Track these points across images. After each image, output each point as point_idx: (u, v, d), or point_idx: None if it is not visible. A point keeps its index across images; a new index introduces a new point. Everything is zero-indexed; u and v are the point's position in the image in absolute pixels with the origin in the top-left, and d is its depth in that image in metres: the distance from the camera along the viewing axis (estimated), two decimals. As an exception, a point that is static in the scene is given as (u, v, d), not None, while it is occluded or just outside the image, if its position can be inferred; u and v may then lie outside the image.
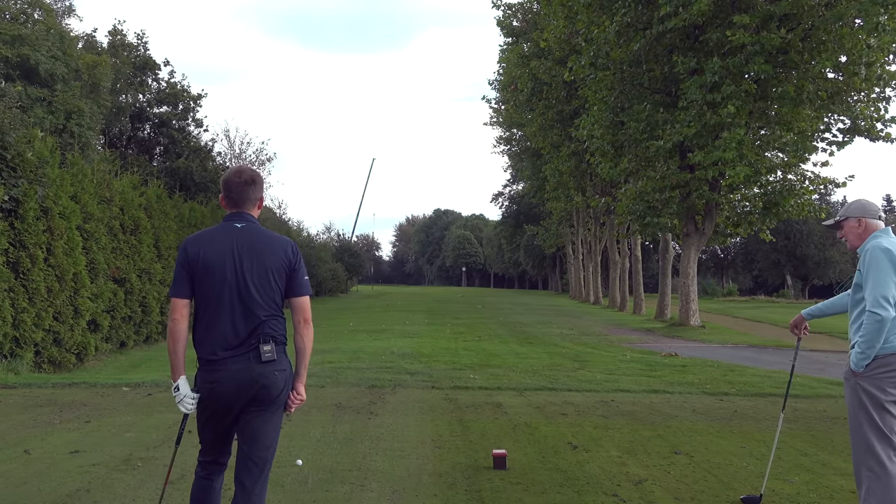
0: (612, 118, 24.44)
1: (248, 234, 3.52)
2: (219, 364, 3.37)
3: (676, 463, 5.98)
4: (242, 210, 3.61)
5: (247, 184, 3.61)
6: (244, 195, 3.61)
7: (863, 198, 4.48)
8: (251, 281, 3.43)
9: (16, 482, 5.23)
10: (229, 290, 3.41)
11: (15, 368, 11.16)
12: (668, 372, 12.03)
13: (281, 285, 3.52)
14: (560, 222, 56.73)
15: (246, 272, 3.44)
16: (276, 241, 3.56)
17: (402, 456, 6.06)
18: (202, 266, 3.44)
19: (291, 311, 3.62)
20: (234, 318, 3.40)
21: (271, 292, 3.47)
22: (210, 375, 3.39)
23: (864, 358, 4.09)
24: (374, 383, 9.98)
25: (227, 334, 3.38)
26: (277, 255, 3.51)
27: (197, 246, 3.49)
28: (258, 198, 3.66)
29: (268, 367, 3.40)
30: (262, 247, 3.50)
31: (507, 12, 43.02)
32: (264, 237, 3.55)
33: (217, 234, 3.54)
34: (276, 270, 3.49)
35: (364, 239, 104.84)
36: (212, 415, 3.48)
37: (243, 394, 3.39)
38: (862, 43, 19.35)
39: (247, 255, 3.46)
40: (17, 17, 27.78)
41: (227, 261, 3.44)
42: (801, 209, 22.86)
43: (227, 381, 3.36)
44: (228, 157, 43.78)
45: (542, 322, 27.34)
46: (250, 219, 3.60)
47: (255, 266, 3.45)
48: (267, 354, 3.40)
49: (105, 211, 15.95)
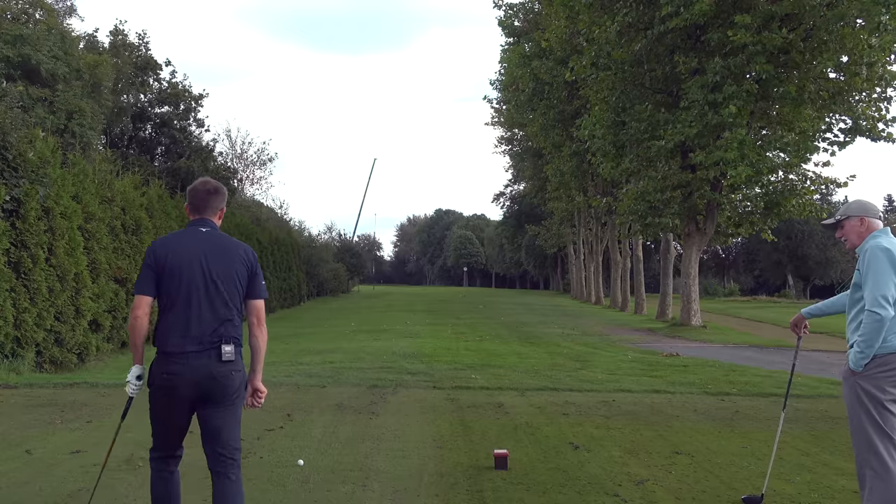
0: (614, 118, 24.42)
1: (213, 239, 3.77)
2: (179, 358, 3.56)
3: (678, 463, 5.98)
4: (205, 216, 3.85)
5: (210, 193, 3.87)
6: (207, 203, 3.86)
7: (862, 198, 4.49)
8: (220, 282, 3.65)
9: (17, 482, 5.23)
10: (197, 290, 3.62)
11: (16, 368, 11.16)
12: (669, 372, 12.03)
13: (243, 288, 3.74)
14: (561, 222, 56.74)
15: (214, 274, 3.66)
16: (238, 246, 3.82)
17: (404, 456, 6.06)
18: (170, 267, 3.64)
19: (247, 313, 3.81)
20: (199, 316, 3.60)
21: (235, 294, 3.71)
22: (168, 367, 3.57)
23: (862, 357, 4.08)
24: (375, 383, 9.98)
25: (192, 332, 3.58)
26: (241, 259, 3.75)
27: (165, 248, 3.71)
28: (220, 207, 3.91)
29: (227, 366, 3.61)
30: (228, 251, 3.75)
31: (509, 12, 43.03)
32: (228, 242, 3.81)
33: (184, 237, 3.78)
34: (240, 274, 3.73)
35: (365, 239, 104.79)
36: (165, 405, 3.66)
37: (199, 388, 3.58)
38: (863, 43, 19.34)
39: (214, 258, 3.69)
40: (19, 17, 27.80)
41: (194, 263, 3.65)
42: (803, 209, 22.84)
43: (187, 374, 3.55)
44: (230, 157, 43.77)
45: (543, 322, 27.34)
46: (213, 225, 3.84)
47: (223, 269, 3.68)
48: (227, 355, 3.61)
49: (106, 211, 15.95)
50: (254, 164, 46.00)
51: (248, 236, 30.13)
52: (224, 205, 3.96)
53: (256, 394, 3.80)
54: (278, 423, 7.26)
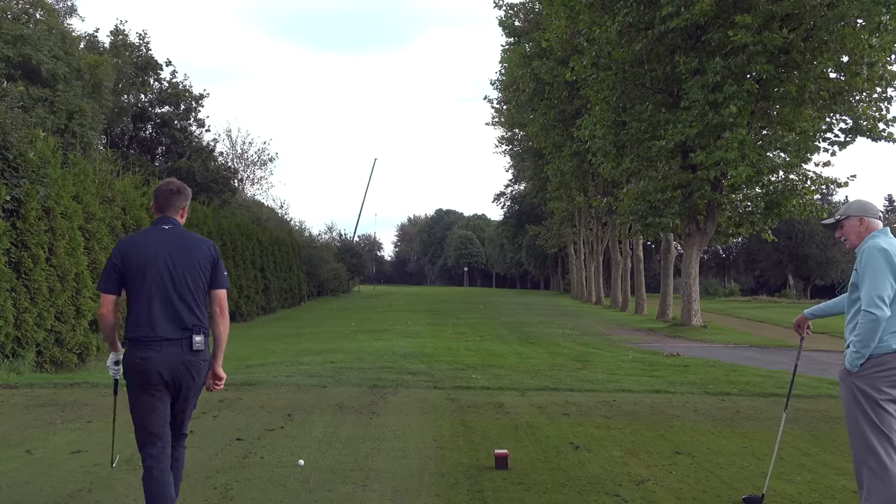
0: (614, 118, 24.42)
1: (177, 235, 4.01)
2: (153, 343, 3.79)
3: (678, 463, 5.98)
4: (167, 215, 4.08)
5: (173, 192, 4.11)
6: (170, 202, 4.09)
7: (862, 198, 4.50)
8: (185, 275, 3.90)
9: (18, 482, 5.24)
10: (164, 284, 3.85)
11: (17, 368, 11.17)
12: (669, 372, 12.03)
13: (206, 280, 3.98)
14: (562, 222, 56.76)
15: (179, 267, 3.90)
16: (200, 240, 4.08)
17: (404, 456, 6.06)
18: (135, 264, 3.88)
19: (210, 302, 4.05)
20: (170, 308, 3.84)
21: (200, 285, 3.95)
22: (141, 353, 3.80)
23: (858, 357, 4.09)
24: (375, 383, 9.98)
25: (164, 322, 3.81)
26: (203, 252, 4.00)
27: (129, 247, 3.97)
28: (182, 206, 4.14)
29: (197, 355, 3.87)
30: (191, 245, 4.00)
31: (509, 12, 43.04)
32: (191, 237, 4.07)
33: (149, 235, 4.04)
34: (203, 266, 3.97)
35: (366, 239, 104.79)
36: (142, 388, 3.85)
37: (170, 375, 3.82)
38: (864, 43, 19.33)
39: (178, 253, 3.93)
40: (19, 17, 27.80)
41: (159, 258, 3.89)
42: (803, 209, 22.83)
43: (160, 360, 3.79)
44: (230, 157, 43.78)
45: (543, 322, 27.34)
46: (175, 222, 4.07)
47: (186, 262, 3.92)
48: (198, 345, 3.85)
49: (107, 211, 15.96)
50: (254, 164, 46.05)
51: (248, 236, 30.16)
52: (186, 204, 4.17)
53: (216, 379, 4.06)
54: (279, 423, 7.26)
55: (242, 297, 28.08)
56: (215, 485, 5.21)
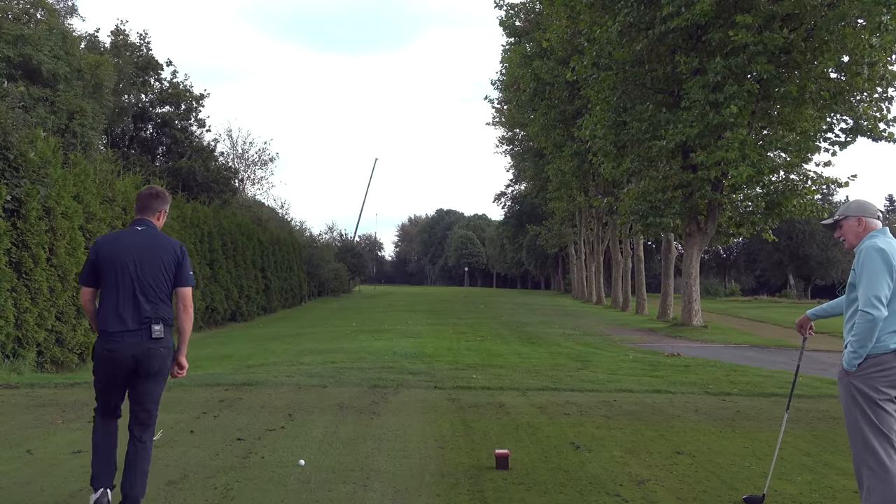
0: (615, 118, 24.43)
1: (147, 236, 4.42)
2: (117, 336, 4.22)
3: (679, 463, 5.97)
4: (144, 217, 4.52)
5: (150, 196, 4.56)
6: (146, 205, 4.54)
7: (861, 198, 4.50)
8: (149, 273, 4.29)
9: (18, 482, 5.23)
10: (130, 280, 4.27)
11: (17, 368, 11.17)
12: (670, 372, 12.02)
13: (170, 277, 4.37)
14: (562, 222, 56.73)
15: (145, 265, 4.30)
16: (168, 241, 4.45)
17: (405, 456, 6.06)
18: (106, 261, 4.32)
19: (177, 299, 4.43)
20: (133, 301, 4.25)
21: (163, 282, 4.33)
22: (109, 345, 4.24)
23: (855, 357, 4.09)
24: (376, 383, 9.97)
25: (126, 314, 4.23)
26: (168, 252, 4.38)
27: (103, 245, 4.42)
28: (159, 209, 4.56)
29: (157, 343, 4.27)
30: (157, 245, 4.38)
31: (510, 12, 43.05)
32: (160, 238, 4.45)
33: (123, 235, 4.49)
34: (167, 265, 4.35)
35: (366, 239, 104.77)
36: (108, 376, 4.33)
37: (134, 361, 4.23)
38: (864, 43, 19.34)
39: (146, 252, 4.33)
40: (20, 17, 27.81)
41: (128, 257, 4.31)
42: (804, 209, 22.83)
43: (124, 350, 4.21)
44: (231, 158, 43.81)
45: (544, 322, 27.34)
46: (150, 224, 4.49)
47: (152, 261, 4.32)
48: (157, 332, 4.25)
49: (108, 211, 15.97)
50: (255, 164, 46.11)
51: (249, 236, 30.16)
52: (164, 207, 4.60)
53: (178, 367, 4.50)
54: (279, 423, 7.26)
55: (243, 297, 28.07)
56: (216, 485, 5.20)
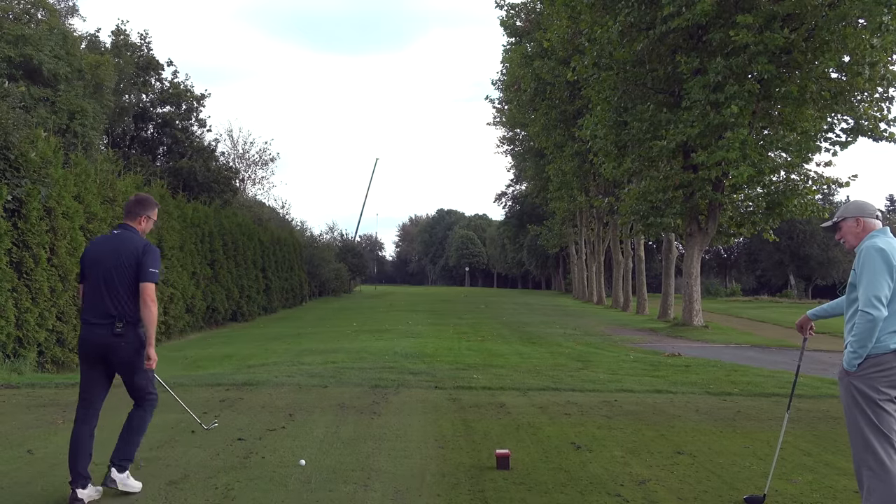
0: (616, 118, 24.43)
1: (119, 239, 4.90)
2: (88, 328, 4.80)
3: (680, 463, 5.97)
4: (126, 221, 5.01)
5: (133, 202, 5.07)
6: (129, 210, 5.04)
7: (859, 198, 4.49)
8: (115, 272, 4.76)
9: (19, 482, 5.24)
10: (104, 279, 4.77)
11: (18, 368, 11.18)
12: (671, 372, 12.01)
13: (134, 275, 4.76)
14: (563, 222, 56.73)
15: (113, 266, 4.77)
16: (133, 241, 4.87)
17: (406, 456, 6.06)
18: (88, 262, 4.90)
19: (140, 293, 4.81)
20: (103, 298, 4.75)
21: (128, 281, 4.75)
22: (83, 332, 4.86)
23: (855, 357, 4.09)
24: (377, 383, 9.97)
25: (97, 309, 4.77)
26: (130, 251, 4.80)
27: (88, 247, 5.03)
28: (140, 214, 5.03)
29: (118, 338, 4.73)
30: (122, 248, 4.82)
31: (511, 12, 43.02)
32: (127, 240, 4.88)
33: (104, 238, 5.06)
34: (128, 264, 4.77)
35: (367, 239, 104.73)
36: (83, 358, 4.92)
37: (100, 351, 4.79)
38: (865, 43, 19.32)
39: (113, 254, 4.81)
40: (21, 17, 27.83)
41: (102, 258, 4.82)
42: (805, 209, 22.81)
43: (91, 340, 4.80)
44: (232, 158, 43.81)
45: (545, 322, 27.33)
46: (128, 228, 4.97)
47: (117, 262, 4.77)
48: (118, 329, 4.72)
49: (108, 211, 15.98)
50: (256, 164, 46.08)
51: (250, 236, 30.17)
52: (146, 212, 5.06)
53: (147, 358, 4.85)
54: (280, 423, 7.26)
55: (244, 296, 28.08)
56: (216, 485, 5.21)
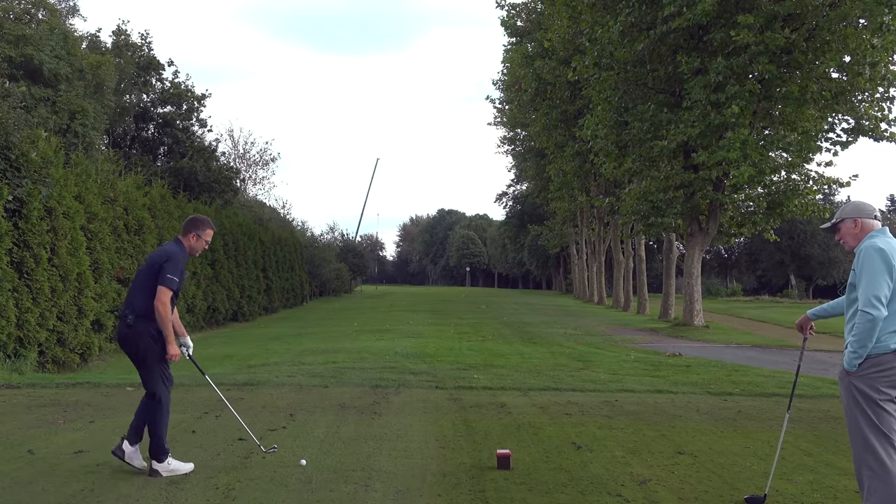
0: (616, 118, 24.42)
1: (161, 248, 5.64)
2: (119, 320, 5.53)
3: (680, 463, 5.97)
4: (179, 236, 5.71)
5: (187, 221, 5.73)
6: (183, 227, 5.72)
7: (858, 199, 4.48)
8: (142, 274, 5.48)
9: (20, 482, 5.24)
10: (135, 279, 5.57)
11: (19, 368, 11.18)
12: (671, 372, 12.01)
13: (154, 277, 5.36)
14: (564, 222, 56.72)
15: (143, 269, 5.51)
16: (165, 250, 5.51)
17: (407, 456, 6.06)
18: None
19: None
20: (130, 294, 5.50)
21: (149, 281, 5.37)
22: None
23: (855, 357, 4.09)
24: (378, 383, 9.98)
25: (125, 303, 5.49)
26: (155, 260, 5.44)
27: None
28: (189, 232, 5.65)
29: (130, 329, 5.38)
30: (157, 254, 5.55)
31: (511, 12, 43.01)
32: (163, 249, 5.56)
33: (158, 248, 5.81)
34: (152, 270, 5.40)
35: (368, 239, 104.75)
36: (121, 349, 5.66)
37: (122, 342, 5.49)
38: (866, 43, 19.31)
39: (150, 259, 5.54)
40: (21, 17, 27.84)
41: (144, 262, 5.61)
42: (805, 209, 22.79)
43: (118, 331, 5.53)
44: (232, 158, 43.83)
45: (545, 322, 27.33)
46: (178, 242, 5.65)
47: (147, 268, 5.46)
48: (129, 320, 5.37)
49: (109, 211, 15.98)
50: (256, 164, 46.15)
51: (250, 236, 30.17)
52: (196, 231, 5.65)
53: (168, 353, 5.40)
54: (281, 423, 7.27)
55: (245, 296, 28.08)
56: (217, 485, 5.21)
